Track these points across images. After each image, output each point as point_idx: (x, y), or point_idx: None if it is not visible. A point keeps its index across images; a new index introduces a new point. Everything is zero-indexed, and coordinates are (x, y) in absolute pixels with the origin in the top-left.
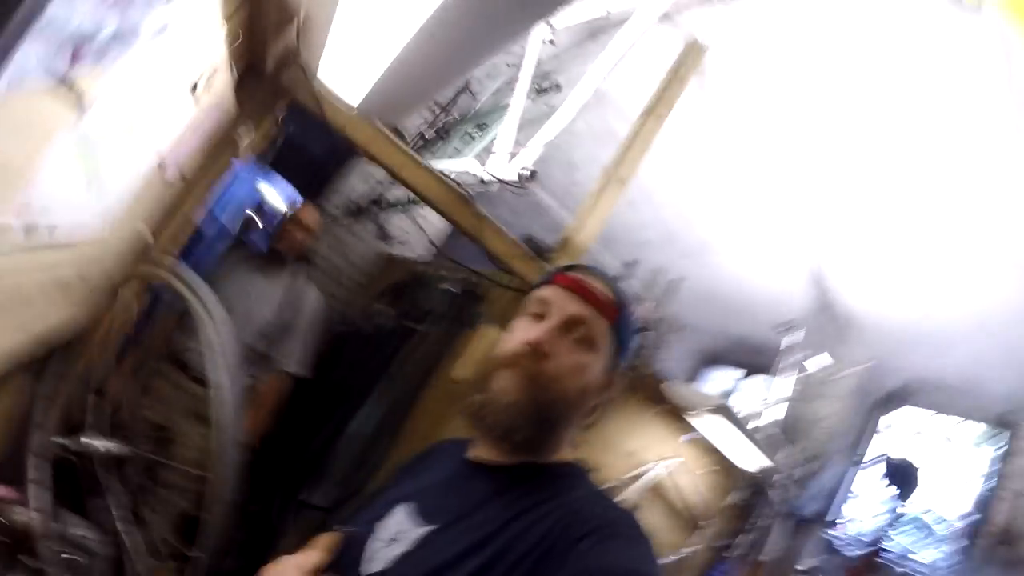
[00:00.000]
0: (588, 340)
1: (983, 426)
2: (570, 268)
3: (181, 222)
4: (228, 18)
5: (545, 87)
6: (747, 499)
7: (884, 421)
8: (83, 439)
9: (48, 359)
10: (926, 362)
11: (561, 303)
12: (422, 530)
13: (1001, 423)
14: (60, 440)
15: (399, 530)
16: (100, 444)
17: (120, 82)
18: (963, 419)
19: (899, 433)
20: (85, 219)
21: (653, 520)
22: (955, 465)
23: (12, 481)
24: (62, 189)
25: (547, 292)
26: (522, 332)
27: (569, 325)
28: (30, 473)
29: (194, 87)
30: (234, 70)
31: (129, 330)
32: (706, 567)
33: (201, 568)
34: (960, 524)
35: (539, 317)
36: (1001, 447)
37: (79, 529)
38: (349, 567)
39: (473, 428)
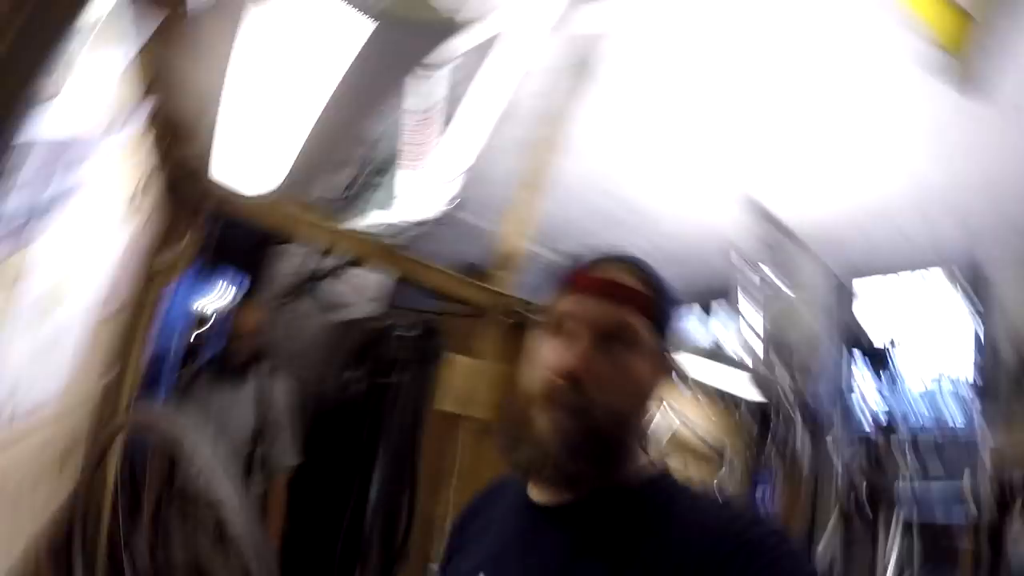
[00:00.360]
0: (628, 343)
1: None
2: (590, 264)
3: (135, 357)
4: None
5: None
6: (760, 422)
7: (859, 300)
8: None
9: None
10: (873, 241)
11: (588, 312)
12: None
13: (967, 269)
14: None
15: None
16: None
17: (47, 247)
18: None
19: (877, 307)
20: (49, 383)
21: (686, 472)
22: (943, 326)
23: None
24: (18, 358)
25: (570, 302)
26: (550, 356)
27: (603, 336)
28: None
29: (113, 224)
30: (148, 194)
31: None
32: (746, 488)
33: None
34: (972, 376)
35: (562, 331)
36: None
37: None
38: None
39: (525, 480)
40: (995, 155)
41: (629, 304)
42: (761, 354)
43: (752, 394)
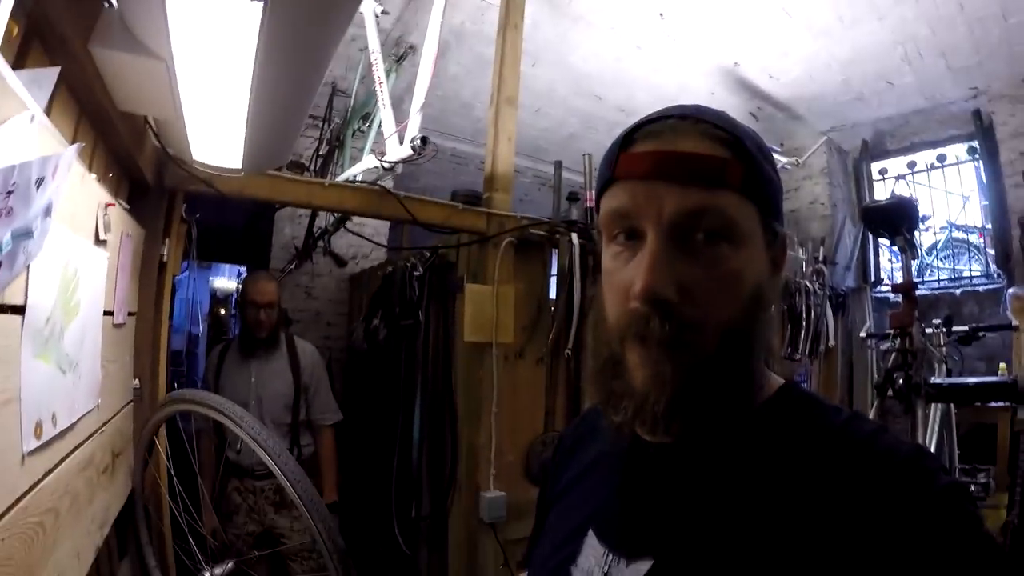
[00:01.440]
0: (719, 233)
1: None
2: (640, 134)
3: (156, 353)
4: (90, 159)
5: (402, 53)
6: (786, 302)
7: (875, 174)
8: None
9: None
10: (876, 110)
11: (651, 203)
12: (633, 571)
13: (974, 127)
14: None
15: (605, 573)
16: (223, 571)
17: (36, 273)
18: (940, 146)
19: (893, 180)
20: (79, 401)
21: None
22: (955, 187)
23: None
24: (46, 387)
25: (621, 196)
26: (619, 277)
27: (681, 233)
28: None
29: (97, 234)
30: (120, 198)
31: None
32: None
33: None
34: (987, 230)
35: (628, 235)
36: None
37: None
38: None
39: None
40: None
41: (707, 179)
42: None
43: None
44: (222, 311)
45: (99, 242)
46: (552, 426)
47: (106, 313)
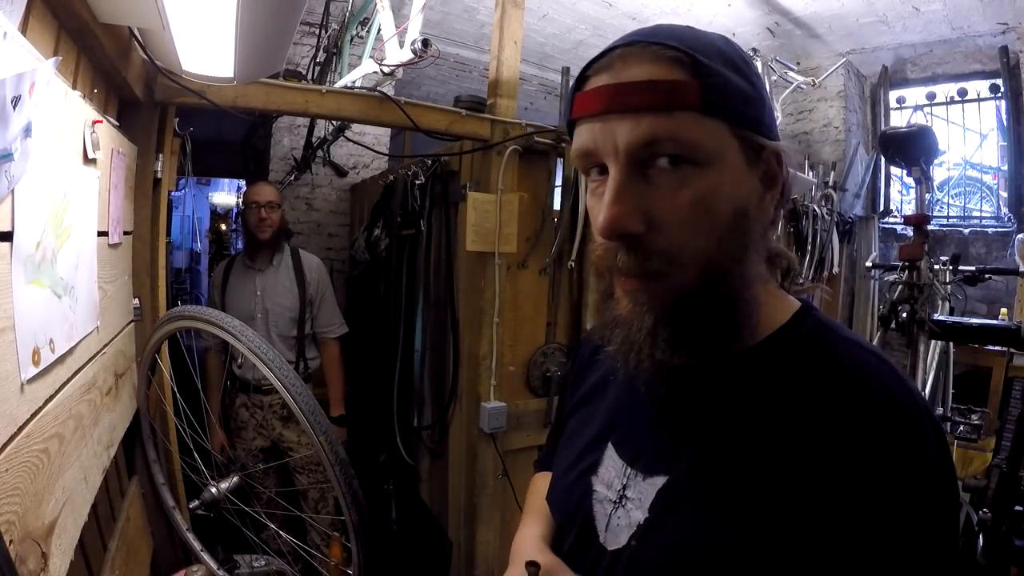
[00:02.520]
0: (679, 153)
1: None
2: (594, 68)
3: (154, 271)
4: (73, 76)
5: None
6: (792, 224)
7: (892, 102)
8: (213, 491)
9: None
10: (899, 36)
11: (607, 138)
12: (650, 485)
13: (999, 64)
14: (198, 505)
15: (624, 485)
16: (228, 485)
17: (22, 196)
18: (962, 81)
19: (911, 110)
20: (78, 325)
21: None
22: (973, 124)
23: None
24: (41, 313)
25: (584, 134)
26: (595, 210)
27: (639, 160)
28: (194, 547)
29: (85, 153)
30: (109, 114)
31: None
32: None
33: (361, 527)
34: (1002, 172)
35: (600, 171)
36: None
37: (259, 562)
38: (585, 537)
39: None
40: None
41: (657, 104)
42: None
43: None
44: (223, 227)
45: (88, 161)
46: (553, 338)
47: (101, 233)
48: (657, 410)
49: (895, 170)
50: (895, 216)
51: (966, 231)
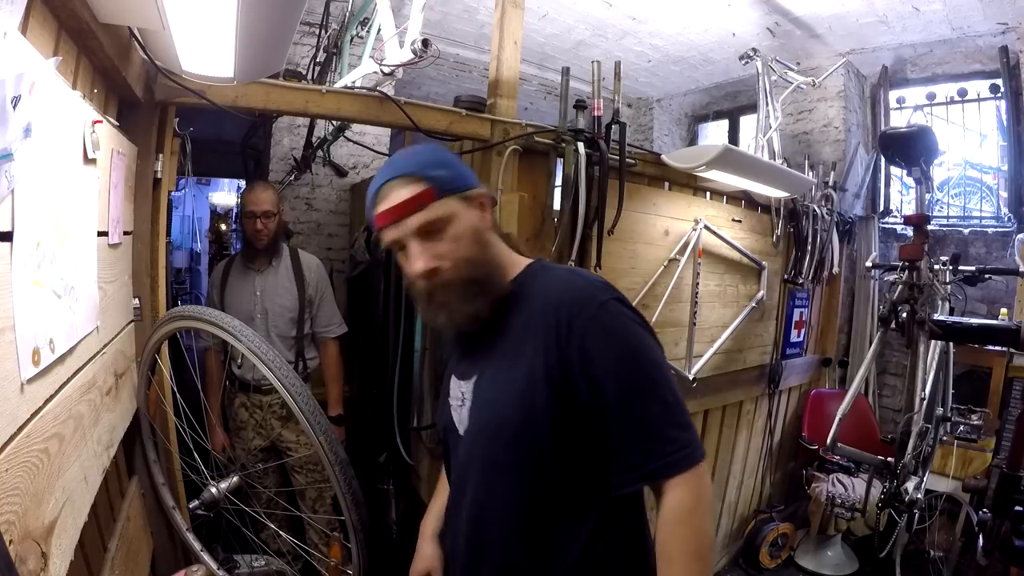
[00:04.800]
0: (438, 226)
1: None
2: (376, 199)
3: (154, 271)
4: (73, 76)
5: None
6: (792, 225)
7: (892, 102)
8: (213, 491)
9: (139, 451)
10: (899, 36)
11: (400, 234)
12: (470, 383)
13: (999, 64)
14: (198, 505)
15: (462, 393)
16: (228, 485)
17: (22, 196)
18: (962, 81)
19: (911, 110)
20: (78, 325)
21: (724, 279)
22: (973, 124)
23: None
24: (41, 313)
25: (388, 235)
26: (407, 268)
27: (422, 236)
28: (194, 547)
29: (85, 153)
30: (109, 114)
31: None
32: (783, 299)
33: (361, 527)
34: (1002, 172)
35: (400, 248)
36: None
37: (259, 562)
38: (452, 433)
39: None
40: None
41: (416, 208)
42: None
43: (781, 193)
44: (223, 227)
45: (88, 161)
46: None
47: (101, 234)
48: (468, 341)
49: (895, 170)
50: (895, 216)
51: (966, 231)
